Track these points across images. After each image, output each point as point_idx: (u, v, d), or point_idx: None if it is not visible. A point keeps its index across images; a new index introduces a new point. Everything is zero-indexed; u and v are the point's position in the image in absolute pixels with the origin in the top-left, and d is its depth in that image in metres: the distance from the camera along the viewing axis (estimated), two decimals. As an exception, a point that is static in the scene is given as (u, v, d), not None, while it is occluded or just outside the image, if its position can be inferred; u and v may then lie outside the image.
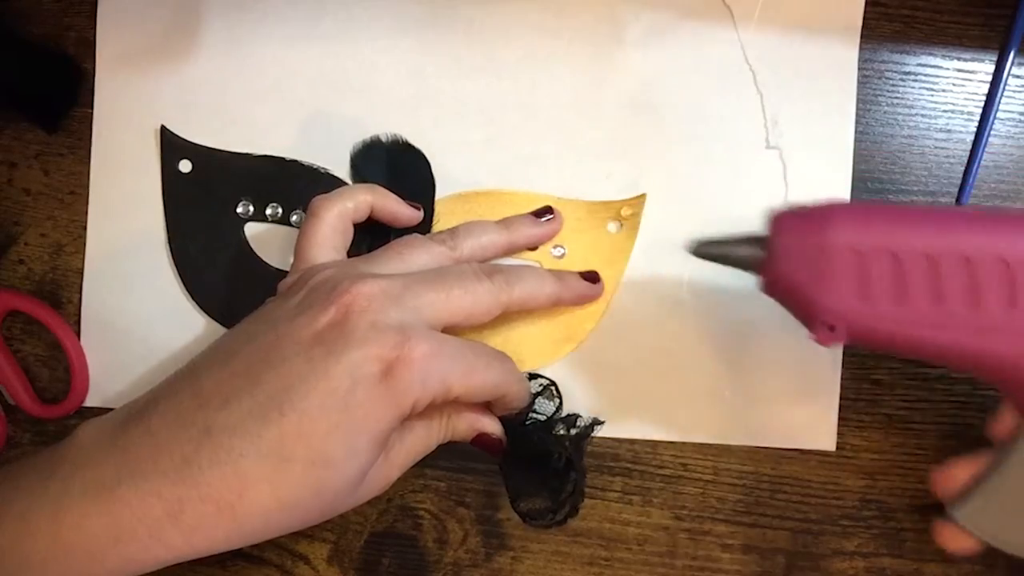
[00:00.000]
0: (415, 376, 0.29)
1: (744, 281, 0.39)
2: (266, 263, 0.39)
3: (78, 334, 0.39)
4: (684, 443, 0.39)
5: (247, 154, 0.39)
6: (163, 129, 0.39)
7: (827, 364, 0.39)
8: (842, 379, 0.39)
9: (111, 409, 0.32)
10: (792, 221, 0.30)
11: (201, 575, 0.39)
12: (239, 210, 0.39)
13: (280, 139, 0.39)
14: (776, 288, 0.31)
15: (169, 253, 0.39)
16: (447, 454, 0.39)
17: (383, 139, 0.38)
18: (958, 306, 0.29)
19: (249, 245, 0.39)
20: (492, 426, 0.35)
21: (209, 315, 0.39)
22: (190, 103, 0.39)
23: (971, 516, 0.34)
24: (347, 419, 0.28)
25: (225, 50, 0.39)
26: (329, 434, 0.28)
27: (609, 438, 0.39)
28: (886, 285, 0.29)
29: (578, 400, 0.39)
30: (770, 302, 0.31)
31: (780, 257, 0.30)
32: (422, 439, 0.33)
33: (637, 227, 0.39)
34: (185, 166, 0.39)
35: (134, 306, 0.39)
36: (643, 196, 0.39)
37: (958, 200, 0.39)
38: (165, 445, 0.28)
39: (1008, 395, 0.32)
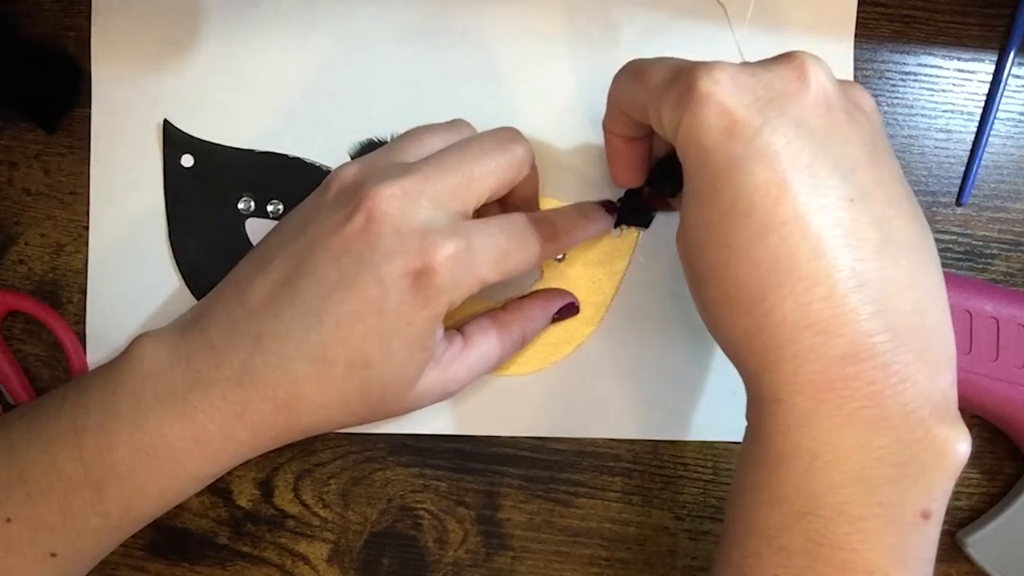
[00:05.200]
0: (444, 280, 0.30)
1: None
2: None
3: (78, 334, 0.39)
4: (684, 443, 0.39)
5: (250, 150, 0.39)
6: (166, 123, 0.39)
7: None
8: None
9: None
10: None
11: (202, 575, 0.39)
12: (240, 206, 0.39)
13: (277, 145, 0.39)
14: None
15: (170, 248, 0.39)
16: (447, 454, 0.39)
17: (385, 139, 0.38)
18: (1010, 363, 0.36)
19: (250, 241, 0.39)
20: (562, 300, 0.38)
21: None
22: (187, 108, 0.39)
23: (981, 546, 0.37)
24: (381, 323, 0.30)
25: (220, 60, 0.39)
26: (365, 338, 0.30)
27: (609, 438, 0.39)
28: (958, 336, 0.34)
29: (579, 402, 0.39)
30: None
31: None
32: (484, 355, 0.35)
33: (638, 235, 0.39)
34: (187, 160, 0.39)
35: (138, 305, 0.39)
36: None
37: (958, 200, 0.39)
38: (224, 353, 0.30)
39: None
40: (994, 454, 0.39)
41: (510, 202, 0.36)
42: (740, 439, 0.39)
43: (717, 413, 0.39)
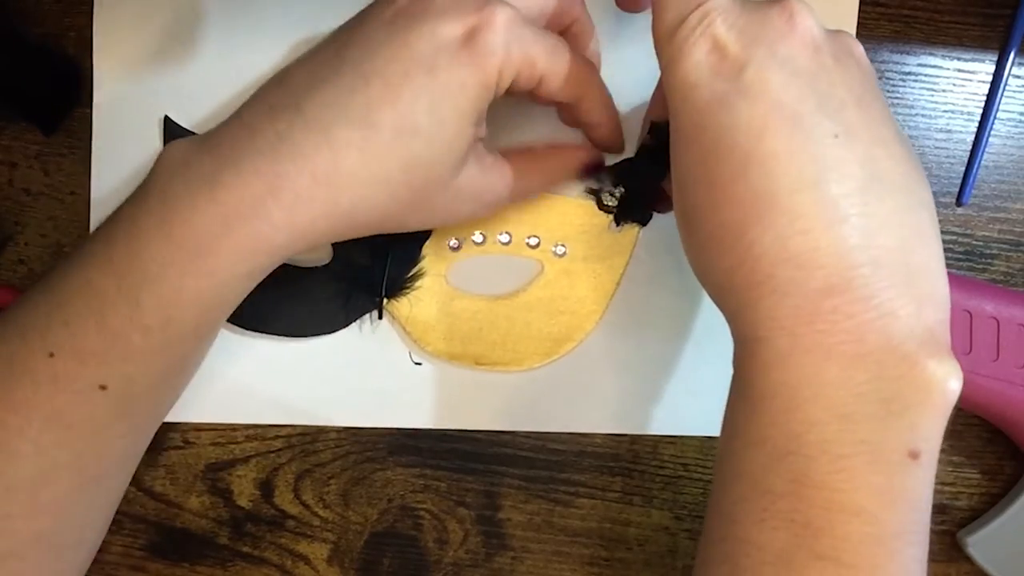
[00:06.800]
0: (498, 38, 0.28)
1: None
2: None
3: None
4: (684, 443, 0.39)
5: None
6: (166, 119, 0.38)
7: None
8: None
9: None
10: None
11: (202, 575, 0.39)
12: (239, 205, 0.39)
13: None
14: None
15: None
16: (447, 454, 0.39)
17: None
18: (1010, 363, 0.36)
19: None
20: (591, 155, 0.36)
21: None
22: (188, 106, 0.39)
23: (981, 546, 0.37)
24: (431, 84, 0.28)
25: (224, 54, 0.39)
26: (414, 99, 0.28)
27: (610, 438, 0.39)
28: (957, 336, 0.36)
29: (581, 397, 0.39)
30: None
31: None
32: (520, 171, 0.34)
33: (638, 231, 0.39)
34: None
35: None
36: None
37: (958, 200, 0.39)
38: (259, 128, 0.29)
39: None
40: (994, 454, 0.39)
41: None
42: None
43: (719, 408, 0.39)
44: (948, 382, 0.25)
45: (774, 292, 0.25)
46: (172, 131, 0.38)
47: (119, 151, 0.39)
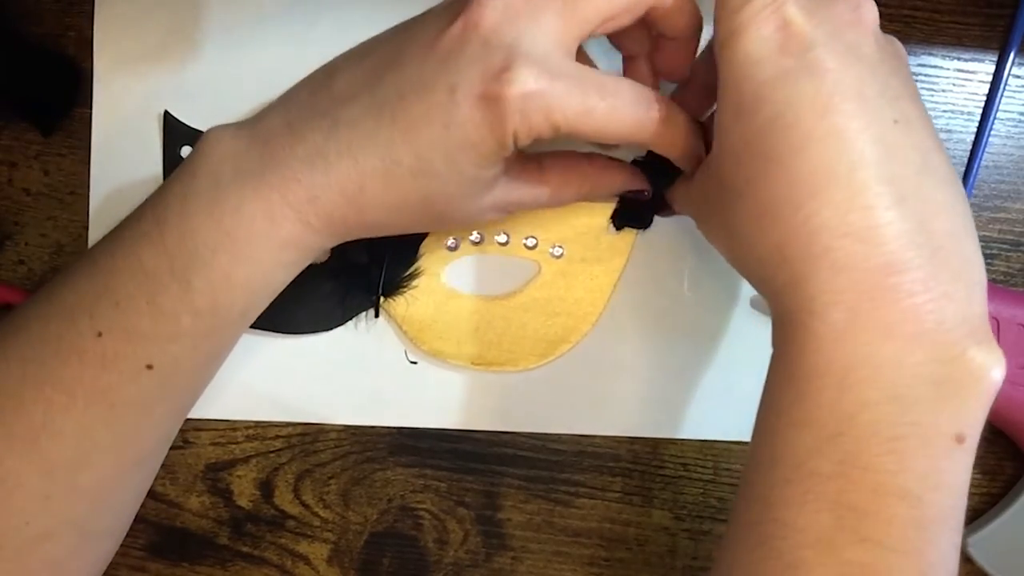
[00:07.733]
0: (512, 109, 0.28)
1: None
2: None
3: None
4: (684, 443, 0.39)
5: (249, 143, 0.39)
6: (166, 114, 0.38)
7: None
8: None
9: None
10: None
11: (202, 575, 0.39)
12: (239, 199, 0.39)
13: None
14: None
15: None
16: (447, 454, 0.39)
17: None
18: (1010, 363, 0.34)
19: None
20: (638, 182, 0.36)
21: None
22: (188, 103, 0.39)
23: (981, 546, 0.37)
24: (447, 136, 0.29)
25: (223, 52, 0.39)
26: (431, 147, 0.29)
27: (609, 438, 0.39)
28: None
29: (578, 399, 0.39)
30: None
31: None
32: (557, 182, 0.34)
33: (636, 232, 0.39)
34: (187, 152, 0.38)
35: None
36: None
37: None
38: (300, 133, 0.30)
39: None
40: (994, 454, 0.39)
41: (660, 34, 0.33)
42: (737, 438, 0.39)
43: (714, 411, 0.39)
44: (994, 370, 0.25)
45: (832, 265, 0.25)
46: (172, 127, 0.38)
47: (119, 151, 0.39)
